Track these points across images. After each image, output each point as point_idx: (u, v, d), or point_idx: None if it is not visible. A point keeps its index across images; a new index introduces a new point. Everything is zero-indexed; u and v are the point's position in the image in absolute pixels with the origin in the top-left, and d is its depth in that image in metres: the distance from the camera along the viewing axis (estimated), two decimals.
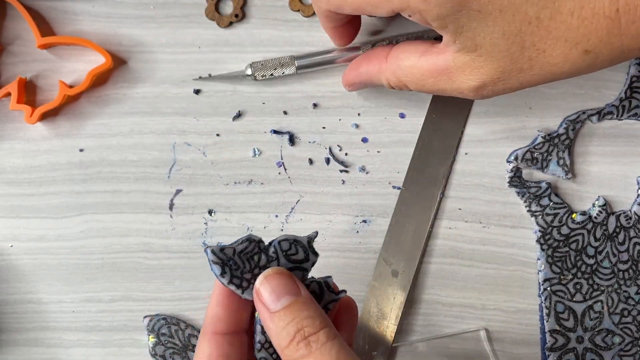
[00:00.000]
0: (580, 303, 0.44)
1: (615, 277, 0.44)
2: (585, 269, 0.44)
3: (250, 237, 0.33)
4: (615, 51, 0.33)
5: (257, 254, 0.33)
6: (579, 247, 0.44)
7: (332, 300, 0.34)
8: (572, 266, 0.44)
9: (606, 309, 0.44)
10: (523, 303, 0.46)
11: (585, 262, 0.44)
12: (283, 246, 0.34)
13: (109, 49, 0.45)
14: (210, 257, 0.32)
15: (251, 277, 0.33)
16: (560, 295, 0.44)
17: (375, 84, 0.42)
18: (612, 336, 0.44)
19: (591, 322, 0.44)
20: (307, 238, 0.34)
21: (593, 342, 0.44)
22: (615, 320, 0.44)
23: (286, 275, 0.32)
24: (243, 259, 0.33)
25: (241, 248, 0.33)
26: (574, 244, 0.44)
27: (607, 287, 0.44)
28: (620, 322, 0.44)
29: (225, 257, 0.33)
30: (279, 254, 0.33)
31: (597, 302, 0.44)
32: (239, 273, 0.33)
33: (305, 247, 0.34)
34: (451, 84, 0.37)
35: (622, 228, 0.44)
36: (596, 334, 0.44)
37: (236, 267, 0.33)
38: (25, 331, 0.46)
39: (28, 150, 0.46)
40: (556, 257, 0.44)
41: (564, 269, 0.44)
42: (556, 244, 0.44)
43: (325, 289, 0.34)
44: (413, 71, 0.38)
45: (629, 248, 0.44)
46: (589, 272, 0.44)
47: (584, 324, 0.44)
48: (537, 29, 0.33)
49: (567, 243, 0.44)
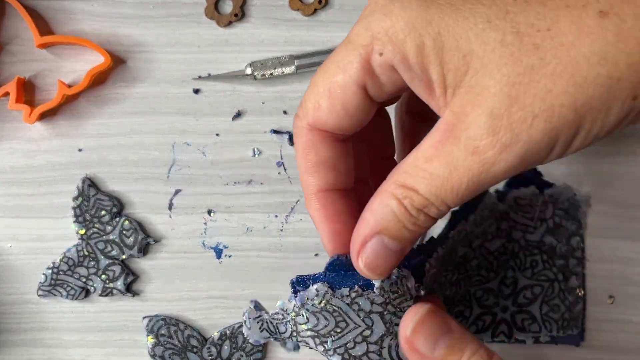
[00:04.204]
0: (494, 280, 0.44)
1: (510, 250, 0.44)
2: (483, 252, 0.44)
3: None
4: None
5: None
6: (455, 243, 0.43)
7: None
8: (464, 260, 0.43)
9: (518, 272, 0.44)
10: None
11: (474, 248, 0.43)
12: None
13: (108, 49, 0.45)
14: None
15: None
16: (477, 284, 0.44)
17: (395, 231, 0.29)
18: (531, 289, 0.44)
19: (508, 288, 0.44)
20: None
21: (517, 304, 0.44)
22: (528, 275, 0.44)
23: (434, 313, 0.29)
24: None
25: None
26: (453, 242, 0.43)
27: (511, 255, 0.44)
28: (534, 274, 0.44)
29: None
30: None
31: (508, 270, 0.44)
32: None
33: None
34: (461, 147, 0.26)
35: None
36: (517, 295, 0.44)
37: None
38: (24, 331, 0.46)
39: (27, 150, 0.46)
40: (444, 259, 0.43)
41: (447, 266, 0.43)
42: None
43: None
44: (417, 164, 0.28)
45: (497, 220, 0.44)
46: (485, 253, 0.44)
47: (503, 293, 0.44)
48: (527, 4, 0.25)
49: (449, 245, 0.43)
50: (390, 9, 0.27)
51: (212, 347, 0.45)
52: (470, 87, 0.26)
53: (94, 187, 0.45)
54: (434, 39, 0.26)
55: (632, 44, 0.24)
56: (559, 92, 0.24)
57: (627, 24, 0.24)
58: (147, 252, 0.46)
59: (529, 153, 0.25)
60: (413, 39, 0.26)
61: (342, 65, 0.28)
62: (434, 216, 0.28)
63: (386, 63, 0.27)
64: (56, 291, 0.45)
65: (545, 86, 0.24)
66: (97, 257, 0.45)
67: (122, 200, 0.46)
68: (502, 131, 0.25)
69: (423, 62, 0.26)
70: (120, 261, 0.45)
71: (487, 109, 0.25)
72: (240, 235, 0.46)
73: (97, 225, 0.45)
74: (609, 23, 0.24)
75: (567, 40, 0.25)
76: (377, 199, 0.28)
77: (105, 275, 0.45)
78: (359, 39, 0.27)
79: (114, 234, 0.45)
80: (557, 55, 0.24)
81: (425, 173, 0.27)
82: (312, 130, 0.30)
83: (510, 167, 0.26)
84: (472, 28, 0.25)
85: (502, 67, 0.25)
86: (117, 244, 0.45)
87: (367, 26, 0.27)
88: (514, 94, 0.25)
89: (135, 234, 0.45)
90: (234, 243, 0.46)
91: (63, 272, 0.45)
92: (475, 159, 0.25)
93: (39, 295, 0.45)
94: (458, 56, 0.26)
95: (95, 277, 0.45)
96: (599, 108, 0.25)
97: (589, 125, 0.25)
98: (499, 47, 0.25)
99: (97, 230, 0.45)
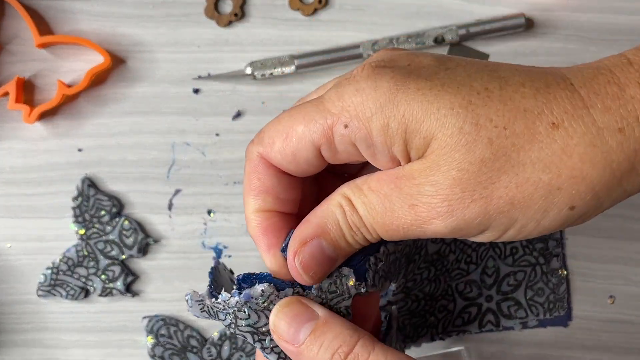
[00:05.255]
0: (474, 271, 0.44)
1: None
2: (460, 246, 0.44)
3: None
4: (589, 127, 0.27)
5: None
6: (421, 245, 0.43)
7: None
8: (439, 257, 0.43)
9: (499, 261, 0.44)
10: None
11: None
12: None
13: (108, 48, 0.45)
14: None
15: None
16: (457, 277, 0.44)
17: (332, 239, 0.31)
18: (514, 275, 0.44)
19: (490, 278, 0.44)
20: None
21: (501, 292, 0.44)
22: (509, 262, 0.44)
23: (295, 302, 0.30)
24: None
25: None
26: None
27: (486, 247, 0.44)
28: (515, 260, 0.44)
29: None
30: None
31: (489, 260, 0.44)
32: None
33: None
34: (402, 197, 0.28)
35: None
36: (500, 283, 0.44)
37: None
38: (23, 332, 0.46)
39: (26, 150, 0.46)
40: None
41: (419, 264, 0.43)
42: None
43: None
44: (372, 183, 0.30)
45: None
46: (462, 246, 0.44)
47: (486, 283, 0.44)
48: (489, 99, 0.27)
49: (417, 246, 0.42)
50: (363, 86, 0.28)
51: (212, 347, 0.45)
52: (425, 160, 0.28)
53: (93, 187, 0.45)
54: (398, 121, 0.28)
55: (575, 159, 0.26)
56: (500, 185, 0.27)
57: (574, 140, 0.26)
58: (146, 252, 0.46)
59: (459, 228, 0.28)
60: (379, 119, 0.28)
61: (307, 118, 0.29)
62: (369, 240, 0.30)
63: (348, 137, 0.29)
64: (56, 291, 0.45)
65: (489, 178, 0.27)
66: (97, 257, 0.45)
67: (121, 200, 0.46)
68: (440, 203, 0.27)
69: (386, 141, 0.28)
70: (120, 261, 0.45)
71: (433, 181, 0.27)
72: (240, 236, 0.46)
73: (96, 225, 0.45)
74: (558, 136, 0.27)
75: (518, 142, 0.27)
76: (324, 204, 0.30)
77: (104, 275, 0.45)
78: (330, 105, 0.29)
79: (114, 234, 0.45)
80: (507, 154, 0.27)
81: (366, 199, 0.29)
82: (261, 158, 0.31)
83: (438, 232, 0.28)
84: (435, 113, 0.27)
85: (455, 152, 0.27)
86: (117, 244, 0.45)
87: (340, 96, 0.29)
88: (459, 177, 0.27)
89: (135, 234, 0.45)
90: (234, 243, 0.46)
91: (62, 272, 0.45)
92: (411, 212, 0.28)
93: (39, 296, 0.45)
94: (419, 137, 0.28)
95: (94, 277, 0.45)
96: (535, 209, 0.27)
97: (524, 222, 0.28)
98: (457, 134, 0.27)
99: (97, 231, 0.45)
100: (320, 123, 0.29)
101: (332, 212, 0.30)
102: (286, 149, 0.30)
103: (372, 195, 0.29)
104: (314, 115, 0.29)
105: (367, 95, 0.28)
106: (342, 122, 0.29)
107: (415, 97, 0.28)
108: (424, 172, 0.28)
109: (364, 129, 0.28)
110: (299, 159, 0.30)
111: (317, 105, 0.29)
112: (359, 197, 0.29)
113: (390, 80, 0.28)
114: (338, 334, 0.29)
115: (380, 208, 0.29)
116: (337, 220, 0.30)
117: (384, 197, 0.29)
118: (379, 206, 0.29)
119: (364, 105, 0.28)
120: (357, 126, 0.28)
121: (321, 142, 0.29)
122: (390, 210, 0.28)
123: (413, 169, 0.28)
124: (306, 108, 0.30)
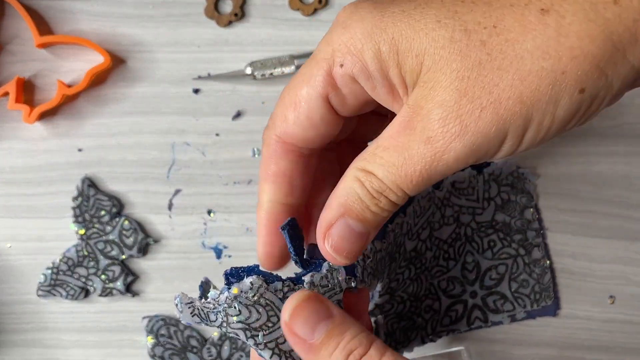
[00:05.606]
0: (454, 268, 0.44)
1: (463, 234, 0.44)
2: (435, 242, 0.43)
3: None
4: (582, 3, 0.25)
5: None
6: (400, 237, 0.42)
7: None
8: (417, 254, 0.43)
9: (477, 255, 0.44)
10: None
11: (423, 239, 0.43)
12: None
13: (108, 48, 0.45)
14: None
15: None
16: (438, 275, 0.44)
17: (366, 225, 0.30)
18: (495, 269, 0.44)
19: (472, 273, 0.44)
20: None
21: (485, 287, 0.44)
22: (489, 256, 0.44)
23: (314, 299, 0.30)
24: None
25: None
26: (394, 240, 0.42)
27: (463, 240, 0.44)
28: (494, 253, 0.44)
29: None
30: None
31: (467, 255, 0.44)
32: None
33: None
34: (416, 137, 0.28)
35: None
36: (482, 278, 0.44)
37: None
38: (23, 332, 0.46)
39: (26, 150, 0.46)
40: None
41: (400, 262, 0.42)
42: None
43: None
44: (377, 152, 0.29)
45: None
46: (438, 242, 0.44)
47: (468, 279, 0.44)
48: (474, 4, 0.27)
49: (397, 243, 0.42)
50: (348, 23, 0.29)
51: (212, 348, 0.45)
52: (424, 83, 0.27)
53: (93, 187, 0.45)
54: (389, 44, 0.27)
55: (572, 38, 0.25)
56: (505, 85, 0.26)
57: (567, 19, 0.25)
58: (146, 252, 0.46)
59: (478, 143, 0.27)
60: (370, 47, 0.28)
61: (306, 79, 0.30)
62: (394, 201, 0.29)
63: (347, 74, 0.29)
64: (56, 291, 0.45)
65: (492, 80, 0.26)
66: (97, 257, 0.45)
67: (121, 200, 0.46)
68: (452, 122, 0.26)
69: (382, 67, 0.28)
70: (120, 261, 0.45)
71: (439, 102, 0.27)
72: (240, 236, 0.46)
73: (96, 225, 0.45)
74: (550, 19, 0.25)
75: (511, 37, 0.26)
76: (341, 184, 0.30)
77: (105, 275, 0.45)
78: (321, 53, 0.29)
79: (114, 234, 0.45)
80: (503, 51, 0.26)
81: (382, 160, 0.28)
82: (278, 142, 0.32)
83: (459, 156, 0.27)
84: (423, 29, 0.27)
85: (451, 62, 0.26)
86: (117, 244, 0.45)
87: (329, 41, 0.29)
88: (463, 88, 0.26)
89: (135, 234, 0.45)
90: (234, 243, 0.46)
91: (63, 272, 0.45)
92: (428, 147, 0.27)
93: (39, 296, 0.45)
94: (411, 56, 0.27)
95: (94, 277, 0.45)
96: (546, 101, 0.26)
97: (539, 118, 0.26)
98: (449, 44, 0.26)
99: (97, 231, 0.45)
100: (319, 75, 0.29)
101: (350, 188, 0.29)
102: (300, 117, 0.30)
103: (387, 153, 0.28)
104: (310, 72, 0.30)
105: (354, 30, 0.28)
106: (337, 63, 0.29)
107: (402, 18, 0.27)
108: (428, 96, 0.27)
109: (358, 61, 0.28)
110: (314, 121, 0.30)
111: (310, 62, 0.30)
112: (375, 162, 0.28)
113: (373, 10, 0.28)
114: (355, 335, 0.29)
115: (399, 160, 0.28)
116: (357, 194, 0.29)
117: (402, 147, 0.28)
118: (397, 159, 0.28)
119: (353, 39, 0.28)
120: (351, 61, 0.28)
121: (327, 92, 0.30)
122: (409, 157, 0.27)
123: (417, 98, 0.27)
124: (302, 71, 0.30)
